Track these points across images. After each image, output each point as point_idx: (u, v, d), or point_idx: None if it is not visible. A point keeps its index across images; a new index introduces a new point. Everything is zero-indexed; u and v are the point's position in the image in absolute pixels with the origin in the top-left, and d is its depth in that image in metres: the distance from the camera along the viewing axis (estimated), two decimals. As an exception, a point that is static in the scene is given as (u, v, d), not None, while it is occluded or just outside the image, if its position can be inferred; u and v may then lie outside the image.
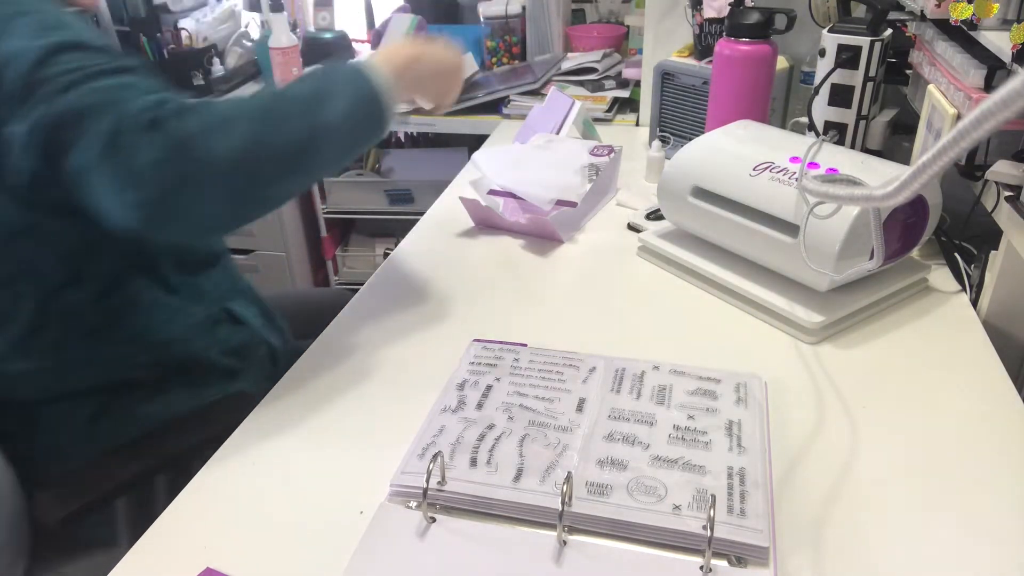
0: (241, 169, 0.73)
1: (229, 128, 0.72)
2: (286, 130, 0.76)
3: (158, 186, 0.69)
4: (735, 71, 1.22)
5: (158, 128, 0.69)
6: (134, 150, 0.68)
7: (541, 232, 1.21)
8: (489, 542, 0.67)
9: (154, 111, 0.69)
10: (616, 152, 1.32)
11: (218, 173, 0.71)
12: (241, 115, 0.73)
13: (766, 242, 0.96)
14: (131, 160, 0.68)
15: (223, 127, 0.72)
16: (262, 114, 0.76)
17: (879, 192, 0.57)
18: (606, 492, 0.68)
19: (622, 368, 0.86)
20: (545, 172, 1.32)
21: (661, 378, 0.84)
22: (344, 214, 2.33)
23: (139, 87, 0.72)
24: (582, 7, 2.18)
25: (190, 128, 0.70)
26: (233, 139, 0.72)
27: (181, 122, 0.70)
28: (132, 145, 0.68)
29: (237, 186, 0.73)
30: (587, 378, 0.85)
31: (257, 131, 0.74)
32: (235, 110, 0.74)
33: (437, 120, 1.92)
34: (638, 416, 0.78)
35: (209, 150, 0.70)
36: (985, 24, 0.95)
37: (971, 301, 1.01)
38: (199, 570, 0.65)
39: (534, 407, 0.80)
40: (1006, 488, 0.72)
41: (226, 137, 0.71)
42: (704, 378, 0.84)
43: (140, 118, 0.69)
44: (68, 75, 0.70)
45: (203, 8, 2.20)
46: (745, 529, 0.64)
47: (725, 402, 0.80)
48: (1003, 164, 0.91)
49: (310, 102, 0.78)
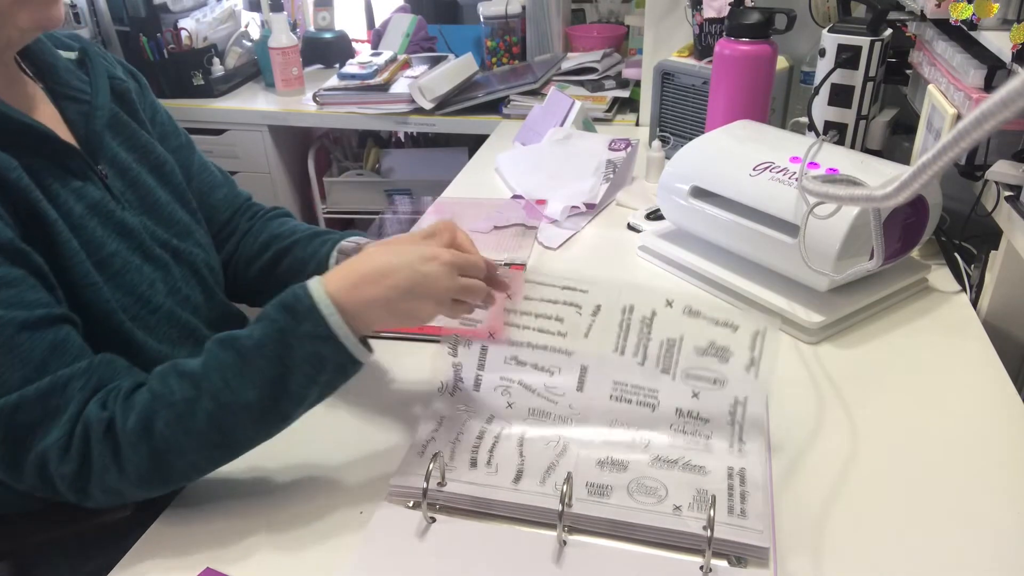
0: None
1: (168, 463, 0.65)
2: (240, 442, 0.68)
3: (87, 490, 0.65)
4: (735, 71, 1.22)
5: (86, 478, 0.64)
6: (63, 481, 0.64)
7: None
8: (489, 542, 0.67)
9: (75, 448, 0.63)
10: (633, 146, 1.33)
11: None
12: (180, 448, 0.65)
13: (766, 242, 0.96)
14: (63, 485, 0.65)
15: (160, 465, 0.65)
16: (207, 439, 0.66)
17: (879, 192, 0.57)
18: (606, 493, 0.68)
19: (630, 305, 0.75)
20: (563, 176, 1.34)
21: (671, 326, 0.75)
22: (344, 214, 2.33)
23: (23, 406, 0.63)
24: (582, 7, 2.18)
25: (121, 471, 0.64)
26: (180, 470, 0.67)
27: (108, 456, 0.64)
28: (62, 477, 0.64)
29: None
30: (591, 325, 0.75)
31: (202, 461, 0.67)
32: (172, 443, 0.64)
33: (437, 120, 1.92)
34: (640, 396, 0.76)
35: (145, 482, 0.66)
36: (985, 24, 0.95)
37: (971, 301, 1.01)
38: (199, 570, 0.65)
39: (532, 384, 0.78)
40: (1006, 488, 0.72)
41: (168, 473, 0.66)
42: (720, 323, 0.74)
43: (63, 470, 0.64)
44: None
45: (203, 8, 2.20)
46: (745, 529, 0.64)
47: (735, 365, 0.74)
48: (1003, 164, 0.91)
49: (264, 409, 0.66)
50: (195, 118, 2.06)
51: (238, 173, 2.12)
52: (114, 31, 2.13)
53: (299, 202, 2.29)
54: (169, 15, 2.09)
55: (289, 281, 0.86)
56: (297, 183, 2.26)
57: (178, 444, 0.65)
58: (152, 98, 0.92)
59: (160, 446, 0.64)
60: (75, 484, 0.65)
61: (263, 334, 0.66)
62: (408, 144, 2.44)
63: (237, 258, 0.97)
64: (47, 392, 0.64)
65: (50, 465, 0.64)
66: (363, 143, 2.35)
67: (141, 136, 0.85)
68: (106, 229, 0.75)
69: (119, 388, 0.66)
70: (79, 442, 0.64)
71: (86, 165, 0.76)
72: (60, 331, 0.66)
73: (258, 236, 0.97)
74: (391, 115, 1.95)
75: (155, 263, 0.80)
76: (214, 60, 2.12)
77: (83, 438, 0.64)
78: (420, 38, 2.22)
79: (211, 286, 0.88)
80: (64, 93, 0.78)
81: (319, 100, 2.00)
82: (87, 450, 0.64)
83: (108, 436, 0.64)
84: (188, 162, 0.94)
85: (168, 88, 2.08)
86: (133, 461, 0.64)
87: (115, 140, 0.82)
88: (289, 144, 2.18)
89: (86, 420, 0.64)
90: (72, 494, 0.66)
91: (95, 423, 0.64)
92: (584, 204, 1.29)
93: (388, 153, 2.27)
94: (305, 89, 2.11)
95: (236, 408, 0.65)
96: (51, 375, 0.64)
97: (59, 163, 0.73)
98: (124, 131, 0.84)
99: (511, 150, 1.53)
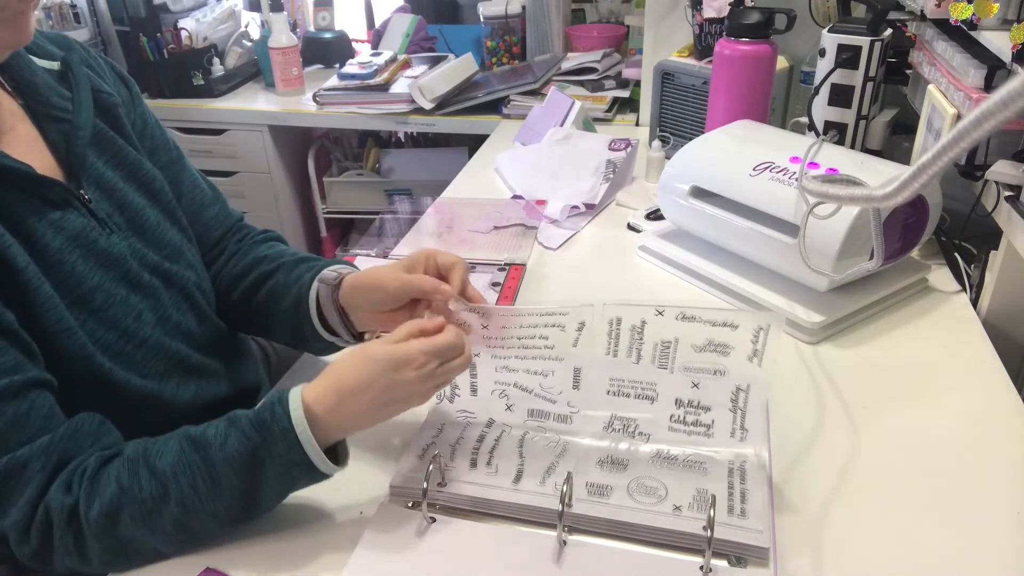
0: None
1: (133, 551, 0.66)
2: (205, 538, 0.68)
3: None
4: (735, 71, 1.22)
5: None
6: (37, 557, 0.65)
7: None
8: (489, 542, 0.67)
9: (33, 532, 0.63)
10: (633, 146, 1.33)
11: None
12: (144, 541, 0.65)
13: (766, 242, 0.96)
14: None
15: (125, 553, 0.66)
16: (172, 536, 0.66)
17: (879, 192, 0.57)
18: (606, 493, 0.68)
19: (616, 318, 0.74)
20: (563, 176, 1.34)
21: (664, 331, 0.73)
22: (344, 214, 2.33)
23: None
24: (582, 7, 2.18)
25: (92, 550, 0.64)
26: (144, 557, 0.67)
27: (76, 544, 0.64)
28: (22, 556, 0.65)
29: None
30: (577, 339, 0.74)
31: (167, 550, 0.67)
32: (137, 537, 0.64)
33: (437, 120, 1.92)
34: (638, 389, 0.75)
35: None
36: (985, 24, 0.95)
37: (971, 301, 1.01)
38: (199, 570, 0.65)
39: (528, 385, 0.77)
40: (1006, 488, 0.72)
41: (131, 559, 0.67)
42: (719, 324, 0.72)
43: (23, 551, 0.64)
44: None
45: (203, 8, 2.20)
46: (745, 529, 0.64)
47: (736, 357, 0.72)
48: (1003, 164, 0.91)
49: (231, 516, 0.66)
50: (195, 118, 2.06)
51: (238, 173, 2.13)
52: (114, 31, 2.13)
53: (299, 202, 2.29)
54: (169, 15, 2.09)
55: (268, 308, 0.86)
56: (297, 183, 2.26)
57: (142, 538, 0.65)
58: (143, 108, 0.87)
59: (124, 538, 0.64)
60: (38, 562, 0.65)
61: (235, 449, 0.64)
62: (408, 144, 2.44)
63: (221, 279, 0.91)
64: (4, 474, 0.62)
65: (12, 545, 0.64)
66: (363, 143, 2.35)
67: (128, 153, 0.81)
68: (88, 261, 0.72)
69: (84, 468, 0.65)
70: (40, 526, 0.63)
71: (66, 192, 0.71)
72: (24, 402, 0.64)
73: (243, 258, 0.91)
74: (391, 115, 1.95)
75: (143, 292, 0.76)
76: (214, 60, 2.12)
77: (44, 523, 0.63)
78: (420, 38, 2.22)
79: (203, 309, 0.85)
80: (44, 112, 0.74)
81: (319, 100, 2.00)
82: (47, 535, 0.64)
83: (71, 525, 0.63)
84: (178, 178, 0.89)
85: (168, 88, 2.08)
86: (96, 549, 0.64)
87: (100, 159, 0.77)
88: (289, 144, 2.18)
89: (47, 506, 0.63)
90: (38, 568, 0.66)
91: (56, 510, 0.63)
92: (584, 204, 1.29)
93: (388, 153, 2.27)
94: (305, 89, 2.12)
95: (203, 515, 0.65)
96: (9, 454, 0.62)
97: (36, 194, 0.69)
98: (109, 148, 0.79)
99: (511, 150, 1.53)
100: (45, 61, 0.77)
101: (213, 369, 0.85)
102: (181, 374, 0.80)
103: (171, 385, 0.78)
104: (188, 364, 0.81)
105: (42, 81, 0.75)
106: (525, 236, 1.22)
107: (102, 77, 0.82)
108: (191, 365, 0.81)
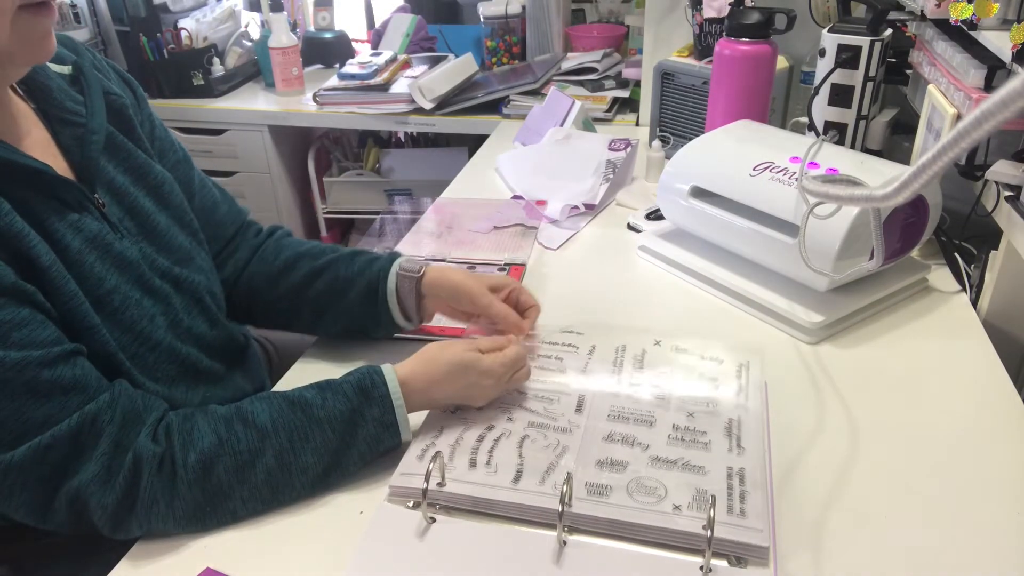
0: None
1: (214, 506, 0.69)
2: (279, 501, 0.71)
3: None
4: (735, 71, 1.22)
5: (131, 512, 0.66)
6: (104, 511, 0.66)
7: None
8: (489, 542, 0.67)
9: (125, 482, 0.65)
10: (633, 146, 1.33)
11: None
12: (231, 495, 0.69)
13: (766, 242, 0.96)
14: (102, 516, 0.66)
15: (207, 506, 0.68)
16: (256, 493, 0.70)
17: (879, 192, 0.57)
18: (606, 493, 0.68)
19: (622, 345, 0.87)
20: (563, 176, 1.34)
21: (661, 362, 0.85)
22: (344, 214, 2.33)
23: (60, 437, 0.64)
24: (582, 7, 2.18)
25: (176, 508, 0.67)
26: (219, 516, 0.69)
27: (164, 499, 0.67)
28: (103, 508, 0.65)
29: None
30: (587, 364, 0.85)
31: (241, 511, 0.70)
32: (226, 489, 0.68)
33: (437, 120, 1.92)
34: (638, 415, 0.78)
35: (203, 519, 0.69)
36: (985, 24, 0.95)
37: (971, 301, 1.01)
38: (199, 570, 0.65)
39: (533, 408, 0.80)
40: (1006, 488, 0.72)
41: (208, 516, 0.69)
42: (706, 358, 0.85)
43: (105, 501, 0.65)
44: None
45: (203, 8, 2.20)
46: (745, 529, 0.64)
47: (725, 392, 0.80)
48: (1003, 164, 0.91)
49: (316, 476, 0.71)
50: (195, 118, 2.06)
51: (238, 173, 2.12)
52: (114, 31, 2.13)
53: (299, 202, 2.29)
54: (169, 15, 2.09)
55: (328, 300, 0.91)
56: (297, 183, 2.26)
57: (229, 490, 0.68)
58: (149, 110, 0.88)
59: (213, 488, 0.68)
60: (115, 515, 0.66)
61: (336, 408, 0.72)
62: (408, 144, 2.44)
63: (251, 277, 0.94)
64: (77, 430, 0.64)
65: (90, 499, 0.64)
66: (363, 143, 2.35)
67: (138, 156, 0.81)
68: (104, 263, 0.72)
69: (168, 422, 0.69)
70: (127, 474, 0.65)
71: (83, 196, 0.72)
72: (76, 366, 0.66)
73: (278, 254, 0.93)
74: (391, 115, 1.95)
75: (155, 296, 0.77)
76: (214, 60, 2.12)
77: (132, 470, 0.65)
78: (420, 38, 2.22)
79: (214, 313, 0.85)
80: (58, 116, 0.74)
81: (319, 100, 2.00)
82: (135, 482, 0.65)
83: (162, 470, 0.66)
84: (188, 178, 0.90)
85: (168, 88, 2.08)
86: (185, 498, 0.67)
87: (111, 163, 0.78)
88: (289, 144, 2.18)
89: (137, 454, 0.66)
90: (109, 526, 0.66)
91: (148, 458, 0.66)
92: (584, 204, 1.29)
93: (388, 153, 2.27)
94: (305, 89, 2.12)
95: (294, 469, 0.70)
96: (78, 412, 0.65)
97: (55, 196, 0.70)
98: (120, 152, 0.80)
99: (511, 150, 1.54)
100: (57, 65, 0.77)
101: (221, 373, 0.86)
102: (190, 379, 0.81)
103: (180, 390, 0.79)
104: (198, 369, 0.82)
105: (55, 85, 0.75)
106: (525, 236, 1.22)
107: (108, 80, 0.82)
108: (201, 370, 0.82)
